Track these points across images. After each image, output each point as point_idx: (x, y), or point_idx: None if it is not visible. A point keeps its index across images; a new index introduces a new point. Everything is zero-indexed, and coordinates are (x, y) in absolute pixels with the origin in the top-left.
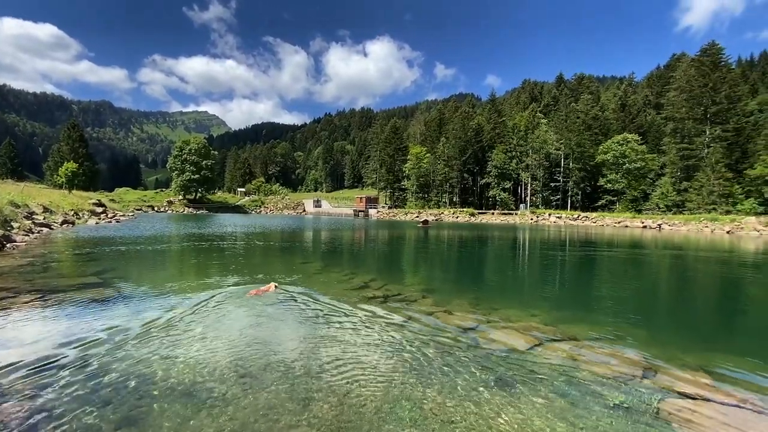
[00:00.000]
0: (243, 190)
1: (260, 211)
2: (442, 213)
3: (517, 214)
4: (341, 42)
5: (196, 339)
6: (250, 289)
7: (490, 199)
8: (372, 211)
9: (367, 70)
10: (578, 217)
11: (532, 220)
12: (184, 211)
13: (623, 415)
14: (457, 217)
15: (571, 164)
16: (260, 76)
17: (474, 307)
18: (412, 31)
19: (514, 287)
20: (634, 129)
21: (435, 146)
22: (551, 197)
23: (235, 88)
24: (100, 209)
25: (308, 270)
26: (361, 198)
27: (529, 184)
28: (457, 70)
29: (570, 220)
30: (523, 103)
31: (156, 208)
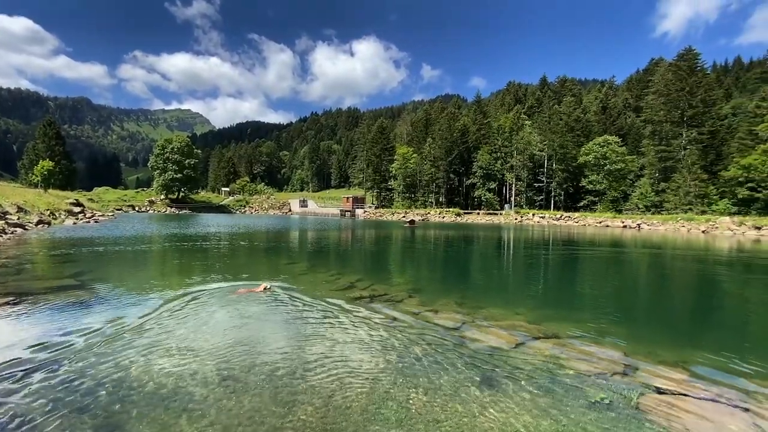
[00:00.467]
0: (227, 189)
1: (245, 211)
2: (429, 213)
3: (502, 214)
4: (327, 41)
5: (177, 341)
6: (238, 287)
7: (476, 200)
8: (359, 211)
9: (354, 70)
10: (561, 217)
11: (516, 220)
12: (166, 211)
13: (605, 411)
14: (444, 217)
15: (554, 165)
16: (245, 74)
17: (460, 306)
18: (399, 31)
19: (499, 286)
20: (614, 131)
21: (421, 146)
22: (535, 197)
23: (220, 86)
24: (77, 209)
25: (294, 270)
26: (347, 198)
27: (514, 185)
28: (444, 72)
29: (553, 220)
30: (508, 105)
31: (137, 208)
